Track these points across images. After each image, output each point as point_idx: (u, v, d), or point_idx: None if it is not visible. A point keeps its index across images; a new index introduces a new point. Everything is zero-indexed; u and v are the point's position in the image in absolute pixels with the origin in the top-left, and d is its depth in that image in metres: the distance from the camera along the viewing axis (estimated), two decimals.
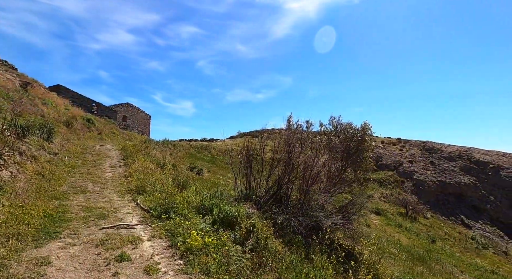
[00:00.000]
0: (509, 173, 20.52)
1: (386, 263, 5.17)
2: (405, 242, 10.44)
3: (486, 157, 22.34)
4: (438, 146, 25.17)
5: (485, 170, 21.22)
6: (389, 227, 13.90)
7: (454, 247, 13.58)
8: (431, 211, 18.96)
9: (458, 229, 17.86)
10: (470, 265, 10.12)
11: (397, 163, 23.43)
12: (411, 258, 6.69)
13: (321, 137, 6.26)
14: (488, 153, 23.64)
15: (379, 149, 25.26)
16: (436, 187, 21.12)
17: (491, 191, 20.03)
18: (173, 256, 3.05)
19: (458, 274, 7.07)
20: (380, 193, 20.21)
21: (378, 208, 16.43)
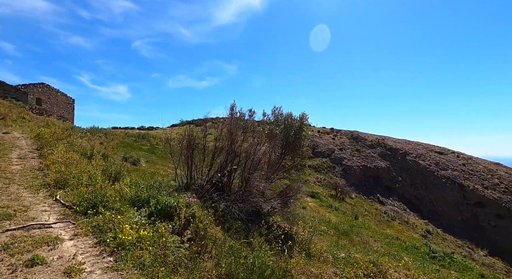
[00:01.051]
0: (412, 157, 25.00)
1: (317, 239, 5.79)
2: (334, 220, 11.84)
3: (397, 145, 26.69)
4: (363, 136, 28.86)
5: (396, 155, 25.39)
6: (322, 208, 15.48)
7: (371, 221, 16.02)
8: (355, 192, 21.84)
9: (375, 206, 21.09)
10: (382, 235, 12.17)
11: (330, 151, 26.04)
12: (338, 234, 7.65)
13: (263, 126, 6.48)
14: (399, 141, 28.29)
15: (316, 138, 27.59)
16: (360, 171, 24.32)
17: (400, 173, 24.15)
18: (102, 254, 2.79)
19: (372, 243, 8.42)
20: (315, 178, 22.26)
21: (313, 191, 18.09)
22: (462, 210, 21.20)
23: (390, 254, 7.10)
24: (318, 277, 3.88)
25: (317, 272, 3.94)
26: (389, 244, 10.26)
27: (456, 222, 20.86)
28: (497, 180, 22.19)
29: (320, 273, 3.94)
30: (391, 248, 8.91)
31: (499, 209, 19.92)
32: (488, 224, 19.74)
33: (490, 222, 19.75)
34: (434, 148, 28.05)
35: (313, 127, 30.76)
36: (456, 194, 21.88)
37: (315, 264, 4.20)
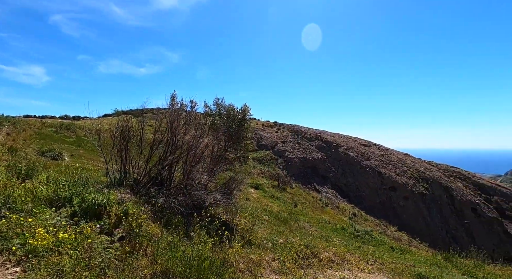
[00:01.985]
0: (343, 149, 28.04)
1: (258, 228, 6.03)
2: (275, 209, 12.51)
3: (331, 138, 29.53)
4: (303, 129, 30.99)
5: (331, 148, 28.11)
6: (264, 198, 16.14)
7: (308, 208, 17.47)
8: (295, 182, 23.44)
9: (312, 194, 23.06)
10: (317, 220, 13.42)
11: (273, 144, 27.22)
12: (278, 221, 8.13)
13: (206, 117, 6.35)
14: (333, 135, 31.35)
15: (260, 131, 28.43)
16: (300, 162, 26.14)
17: (333, 164, 26.86)
18: (4, 265, 2.34)
19: (308, 228, 9.23)
20: (259, 170, 23.03)
21: (257, 183, 18.70)
22: (380, 194, 24.90)
23: (323, 236, 7.90)
24: (258, 263, 4.05)
25: (256, 259, 4.11)
26: (323, 228, 11.40)
27: (376, 204, 24.42)
28: (405, 168, 26.71)
29: (259, 260, 4.12)
30: (324, 231, 9.91)
31: (406, 192, 24.09)
32: (398, 205, 23.70)
33: (399, 203, 23.74)
34: (360, 141, 31.99)
35: (258, 121, 31.60)
36: (376, 180, 25.53)
37: (255, 252, 4.38)
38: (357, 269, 5.16)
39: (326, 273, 4.53)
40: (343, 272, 4.72)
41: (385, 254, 7.18)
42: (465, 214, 24.95)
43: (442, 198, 25.50)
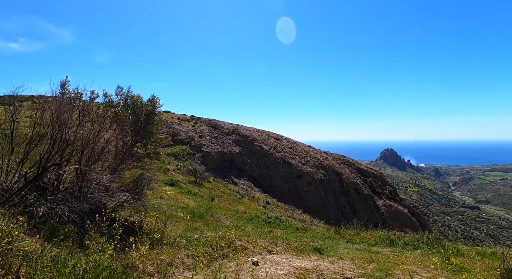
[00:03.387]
0: (258, 143, 29.89)
1: (171, 227, 5.76)
2: (192, 205, 12.23)
3: (248, 132, 30.96)
4: (220, 124, 31.23)
5: (247, 141, 29.46)
6: (181, 195, 15.51)
7: (226, 201, 17.87)
8: (213, 176, 23.50)
9: (230, 187, 23.67)
10: (234, 211, 13.92)
11: (190, 138, 26.38)
12: (194, 217, 7.99)
13: (107, 108, 5.48)
14: (249, 129, 32.94)
15: (176, 125, 26.97)
16: (217, 156, 26.31)
17: (249, 157, 28.28)
18: None
19: (224, 220, 9.47)
20: (175, 165, 21.92)
21: (172, 179, 17.75)
22: (289, 182, 27.92)
23: (238, 226, 8.27)
24: (170, 262, 3.88)
25: (168, 258, 3.93)
26: (239, 218, 11.91)
27: (285, 192, 27.27)
28: (309, 158, 30.78)
29: (171, 259, 3.95)
30: (239, 221, 10.39)
31: (309, 179, 27.87)
32: (303, 190, 27.19)
33: (304, 189, 27.26)
34: (273, 135, 34.82)
35: (173, 114, 29.87)
36: (286, 170, 28.44)
37: (167, 251, 4.17)
38: (267, 252, 5.66)
39: (239, 260, 4.77)
40: (255, 257, 5.08)
41: (291, 235, 8.13)
42: (350, 194, 30.97)
43: (335, 182, 30.81)
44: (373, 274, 4.94)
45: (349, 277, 4.69)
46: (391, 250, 8.15)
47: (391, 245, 8.94)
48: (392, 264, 6.08)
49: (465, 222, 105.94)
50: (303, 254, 6.18)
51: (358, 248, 7.95)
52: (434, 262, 6.48)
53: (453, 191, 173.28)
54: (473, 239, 73.29)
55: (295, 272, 4.46)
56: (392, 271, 5.49)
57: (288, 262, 5.08)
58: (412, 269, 5.86)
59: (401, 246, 8.69)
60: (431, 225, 65.67)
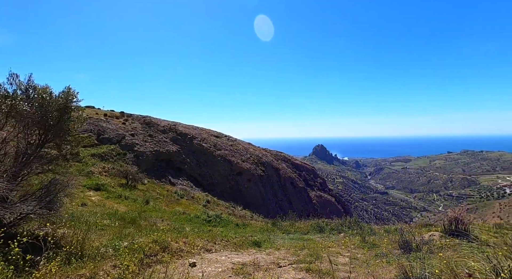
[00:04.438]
0: (198, 141, 29.06)
1: (95, 236, 5.09)
2: (122, 210, 11.07)
3: (186, 130, 29.74)
4: (155, 121, 29.11)
5: (185, 139, 28.29)
6: (109, 200, 13.89)
7: (162, 202, 16.81)
8: (148, 177, 21.80)
9: (167, 187, 22.37)
10: (171, 213, 13.21)
11: (120, 137, 23.80)
12: (124, 223, 7.24)
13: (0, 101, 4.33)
14: (188, 127, 31.68)
15: (102, 123, 23.92)
16: (153, 156, 24.49)
17: (188, 155, 27.24)
18: None
19: (160, 223, 8.89)
20: (102, 167, 19.48)
21: (98, 183, 15.74)
22: (230, 180, 28.07)
23: (175, 228, 7.88)
24: (92, 277, 3.43)
25: (90, 273, 3.47)
26: (177, 220, 11.37)
27: (226, 189, 27.32)
28: (249, 155, 31.52)
29: (94, 273, 3.50)
30: (177, 223, 9.91)
31: (249, 175, 28.57)
32: (243, 187, 27.73)
33: (244, 185, 27.82)
34: (213, 132, 34.37)
35: (98, 110, 26.38)
36: (226, 168, 28.48)
37: (88, 265, 3.67)
38: (205, 251, 5.57)
39: (176, 263, 4.56)
40: (193, 258, 4.93)
41: (230, 232, 8.19)
42: (287, 187, 33.08)
43: (273, 177, 32.42)
44: (304, 259, 5.39)
45: (284, 265, 5.01)
46: (320, 236, 9.04)
47: (320, 231, 9.92)
48: (320, 248, 6.74)
49: (378, 205, 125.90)
50: (242, 249, 6.31)
51: (292, 238, 8.57)
52: (354, 242, 7.48)
53: (369, 180, 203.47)
54: (383, 219, 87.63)
55: (233, 267, 4.51)
56: (321, 254, 6.09)
57: (226, 259, 5.10)
58: (336, 251, 6.62)
59: (328, 231, 9.74)
60: (353, 210, 75.77)
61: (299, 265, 4.99)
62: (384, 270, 4.37)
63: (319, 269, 4.57)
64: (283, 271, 4.65)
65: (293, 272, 4.56)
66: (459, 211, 7.65)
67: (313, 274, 4.44)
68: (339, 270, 4.75)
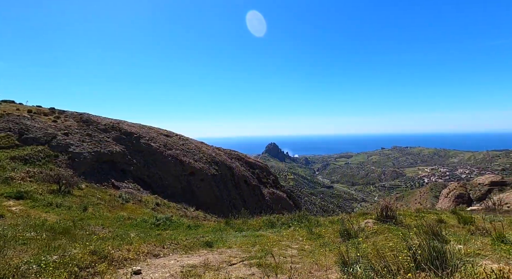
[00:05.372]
0: (145, 140, 27.19)
1: (13, 253, 4.34)
2: (53, 220, 9.71)
3: (132, 129, 27.53)
4: (95, 118, 26.21)
5: (131, 139, 26.18)
6: (35, 209, 12.04)
7: (104, 208, 15.26)
8: (86, 181, 19.53)
9: (109, 191, 20.38)
10: (115, 219, 12.08)
11: (50, 136, 20.77)
12: (54, 235, 6.35)
13: None
14: (134, 125, 29.36)
15: (25, 120, 20.51)
16: (92, 157, 22.03)
17: (134, 156, 25.29)
18: None
19: (100, 231, 8.05)
20: (25, 172, 16.74)
21: (20, 191, 13.48)
22: (182, 180, 27.00)
23: (118, 235, 7.22)
24: None
25: None
26: (121, 226, 10.45)
27: (178, 190, 26.20)
28: (201, 155, 30.79)
29: None
30: (121, 229, 9.11)
31: (202, 175, 27.92)
32: (196, 187, 26.99)
33: (197, 185, 27.10)
34: (163, 131, 32.57)
35: (19, 105, 22.54)
36: (178, 168, 27.30)
37: None
38: (152, 257, 5.24)
39: (117, 274, 4.18)
40: (138, 265, 4.60)
41: (181, 234, 7.88)
42: (240, 186, 33.32)
43: (227, 176, 32.30)
44: (256, 255, 5.51)
45: (235, 263, 5.03)
46: (272, 231, 9.34)
47: (272, 227, 10.26)
48: (272, 243, 6.97)
49: (324, 198, 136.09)
50: (193, 251, 6.13)
51: (245, 235, 8.66)
52: (302, 234, 7.93)
53: (317, 176, 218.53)
54: (329, 211, 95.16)
55: (182, 271, 4.35)
56: (272, 249, 6.30)
57: (176, 263, 4.89)
58: (286, 244, 6.93)
59: (279, 226, 10.14)
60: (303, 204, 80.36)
61: (250, 261, 5.08)
62: (327, 257, 4.75)
63: (269, 263, 4.73)
64: (234, 269, 4.67)
65: (244, 269, 4.62)
66: (388, 200, 8.77)
67: (263, 268, 4.56)
68: (287, 262, 4.98)
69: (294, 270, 4.25)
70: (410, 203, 75.81)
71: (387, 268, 2.37)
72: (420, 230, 2.90)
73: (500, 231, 4.99)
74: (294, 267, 4.48)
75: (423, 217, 9.96)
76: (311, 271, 4.21)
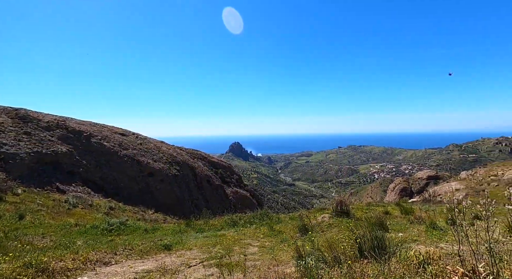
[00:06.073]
0: (98, 140, 25.00)
1: None
2: None
3: (81, 127, 25.08)
4: (35, 115, 23.27)
5: (80, 138, 23.83)
6: None
7: (46, 215, 13.64)
8: (23, 186, 17.23)
9: (53, 196, 18.27)
10: (59, 227, 10.86)
11: None
12: None
13: None
14: (83, 123, 26.77)
15: None
16: (31, 159, 19.53)
17: (84, 156, 23.07)
18: None
19: (40, 241, 7.17)
20: None
21: None
22: (139, 181, 25.44)
23: (62, 244, 6.51)
24: None
25: None
26: (66, 234, 9.45)
27: (135, 192, 24.62)
28: (161, 154, 29.40)
29: None
30: (66, 237, 8.23)
31: (162, 176, 26.68)
32: (155, 188, 25.69)
33: (156, 186, 25.80)
34: (118, 130, 30.31)
35: None
36: (135, 169, 25.65)
37: None
38: (102, 265, 4.84)
39: None
40: (84, 276, 4.20)
41: (136, 239, 7.43)
42: (203, 186, 32.63)
43: (189, 176, 31.35)
44: (216, 255, 5.44)
45: (194, 265, 4.90)
46: (233, 230, 9.33)
47: (234, 226, 10.24)
48: (233, 242, 6.96)
49: (286, 196, 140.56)
50: (149, 255, 5.82)
51: (206, 236, 8.50)
52: (263, 232, 8.07)
53: (279, 174, 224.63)
54: (290, 208, 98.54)
55: (136, 277, 4.10)
56: (233, 248, 6.29)
57: (129, 269, 4.59)
58: (248, 242, 6.98)
59: (242, 225, 10.17)
60: (266, 203, 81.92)
61: (210, 261, 5.00)
62: (285, 253, 4.90)
63: (229, 262, 4.71)
64: (193, 270, 4.55)
65: (203, 270, 4.53)
66: (343, 196, 9.39)
67: (223, 268, 4.53)
68: (248, 260, 5.01)
69: (253, 267, 4.30)
70: (363, 197, 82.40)
71: (336, 258, 2.55)
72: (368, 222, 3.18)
73: (432, 219, 5.70)
74: (253, 265, 4.53)
75: (373, 210, 10.89)
76: (270, 267, 4.30)
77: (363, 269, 2.48)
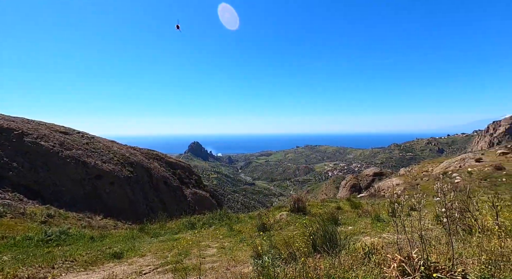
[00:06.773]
0: (33, 139, 21.94)
1: None
2: None
3: (10, 124, 21.73)
4: None
5: (9, 137, 20.63)
6: None
7: None
8: None
9: None
10: None
11: None
12: None
13: None
14: (13, 119, 23.24)
15: None
16: None
17: (14, 158, 20.03)
18: None
19: None
20: None
21: None
22: (85, 185, 23.03)
23: None
24: None
25: None
26: None
27: (80, 197, 22.20)
28: (112, 155, 27.09)
29: None
30: None
31: (112, 178, 24.58)
32: (104, 192, 23.56)
33: (106, 190, 23.68)
34: (59, 128, 27.04)
35: None
36: (80, 171, 23.13)
37: None
38: None
39: None
40: None
41: (80, 249, 6.70)
42: (160, 187, 30.97)
43: (144, 178, 29.45)
44: (172, 260, 5.19)
45: (147, 272, 4.60)
46: (191, 232, 9.03)
47: (192, 228, 9.92)
48: (191, 245, 6.72)
49: (247, 195, 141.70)
50: (96, 266, 5.29)
51: (162, 240, 8.06)
52: (222, 232, 7.96)
53: (240, 174, 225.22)
54: (250, 207, 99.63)
55: None
56: (190, 251, 6.07)
57: None
58: (206, 244, 6.82)
59: (200, 226, 9.90)
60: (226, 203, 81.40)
61: (165, 267, 4.75)
62: (244, 252, 4.90)
63: (186, 266, 4.53)
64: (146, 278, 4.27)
65: (157, 277, 4.28)
66: (300, 193, 9.80)
67: (179, 273, 4.34)
68: (206, 262, 4.89)
69: (211, 269, 4.21)
70: (318, 194, 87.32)
71: (292, 255, 2.64)
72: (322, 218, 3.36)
73: (377, 212, 6.28)
74: (211, 267, 4.43)
75: (327, 206, 11.59)
76: (228, 267, 4.25)
77: (316, 263, 2.62)
